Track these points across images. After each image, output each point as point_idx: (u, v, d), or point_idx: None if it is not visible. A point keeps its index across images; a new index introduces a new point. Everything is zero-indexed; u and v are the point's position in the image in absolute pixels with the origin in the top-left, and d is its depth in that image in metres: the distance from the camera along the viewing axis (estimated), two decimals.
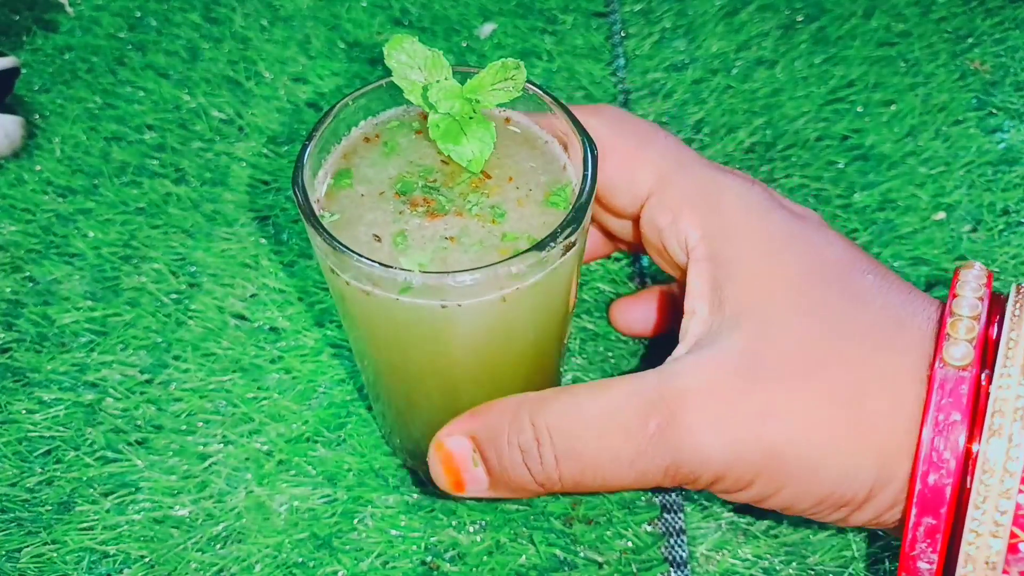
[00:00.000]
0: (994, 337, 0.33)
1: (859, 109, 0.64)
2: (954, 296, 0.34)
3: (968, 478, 0.31)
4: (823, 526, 0.45)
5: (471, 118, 0.38)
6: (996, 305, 0.34)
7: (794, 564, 0.44)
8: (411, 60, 0.38)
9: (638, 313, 0.50)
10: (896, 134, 0.62)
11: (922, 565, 0.33)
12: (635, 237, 0.44)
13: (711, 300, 0.37)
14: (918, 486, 0.32)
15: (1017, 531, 0.31)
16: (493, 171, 0.38)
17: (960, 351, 0.32)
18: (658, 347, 0.52)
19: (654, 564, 0.44)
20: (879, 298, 0.35)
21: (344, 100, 0.40)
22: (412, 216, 0.37)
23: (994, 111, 0.63)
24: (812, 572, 0.44)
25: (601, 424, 0.35)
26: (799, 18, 0.70)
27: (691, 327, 0.37)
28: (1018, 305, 0.33)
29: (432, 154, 0.39)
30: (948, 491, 0.32)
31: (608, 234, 0.48)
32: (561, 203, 0.37)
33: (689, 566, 0.44)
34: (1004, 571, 0.31)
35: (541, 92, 0.39)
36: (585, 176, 0.36)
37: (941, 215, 0.57)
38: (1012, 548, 0.31)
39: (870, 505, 0.34)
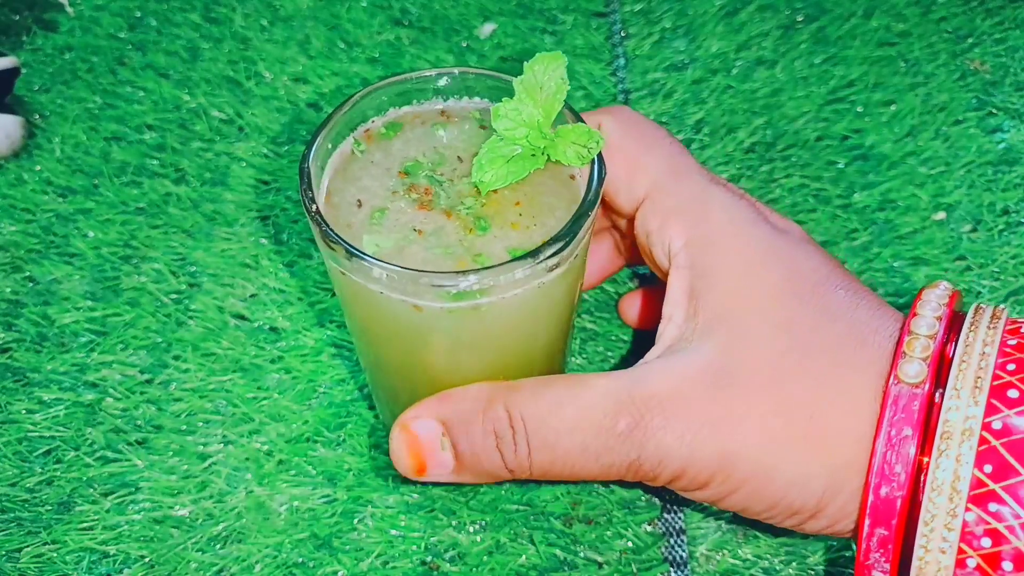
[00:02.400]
0: (950, 356, 0.34)
1: (859, 109, 0.64)
2: (914, 315, 0.35)
3: (919, 491, 0.33)
4: None
5: (522, 152, 0.38)
6: (956, 324, 0.35)
7: (794, 564, 0.44)
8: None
9: (646, 306, 0.52)
10: (896, 134, 0.62)
11: (876, 574, 0.35)
12: (629, 234, 0.45)
13: (687, 308, 0.39)
14: (870, 498, 0.33)
15: (964, 547, 0.32)
16: (511, 186, 0.38)
17: (914, 369, 0.34)
18: None
19: (654, 564, 0.44)
20: (847, 314, 0.37)
21: (405, 76, 0.40)
22: (402, 198, 0.38)
23: (994, 111, 0.63)
24: (812, 572, 0.44)
25: (575, 419, 0.37)
26: (799, 18, 0.70)
27: (666, 332, 0.39)
28: (972, 326, 0.34)
29: (460, 149, 0.39)
30: (899, 503, 0.33)
31: (617, 248, 0.49)
32: None
33: (689, 566, 0.44)
34: None
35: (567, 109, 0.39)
36: (585, 198, 0.37)
37: (941, 215, 0.57)
38: (960, 563, 0.32)
39: (823, 514, 0.36)
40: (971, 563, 0.32)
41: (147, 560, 0.44)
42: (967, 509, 0.32)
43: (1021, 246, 0.55)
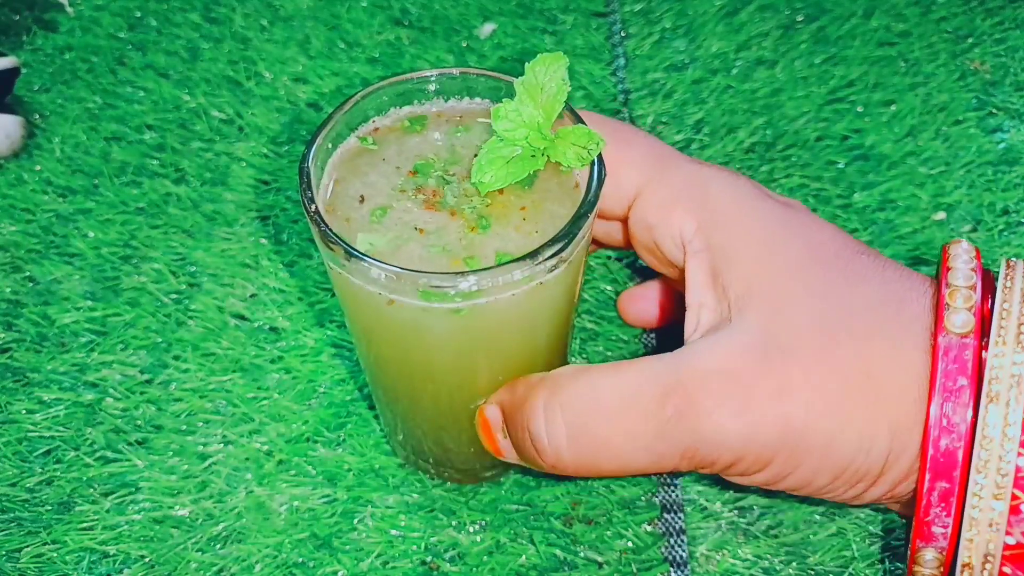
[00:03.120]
0: (988, 309, 0.34)
1: (859, 109, 0.64)
2: (948, 269, 0.35)
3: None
4: (823, 526, 0.45)
5: (522, 153, 0.37)
6: (987, 279, 0.35)
7: (794, 564, 0.44)
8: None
9: (646, 304, 0.51)
10: (896, 134, 0.62)
11: (936, 530, 0.34)
12: (624, 239, 0.44)
13: (714, 290, 0.37)
14: (930, 451, 0.33)
15: (1018, 492, 0.32)
16: (516, 191, 0.38)
17: (961, 319, 0.33)
18: (658, 348, 0.52)
19: (654, 564, 0.44)
20: (876, 276, 0.36)
21: (414, 75, 0.41)
22: (409, 198, 0.38)
23: (994, 111, 0.63)
24: (812, 572, 0.44)
25: (617, 406, 0.35)
26: (799, 18, 0.70)
27: (701, 318, 0.38)
28: (1008, 277, 0.34)
29: (477, 149, 0.39)
30: (960, 454, 0.33)
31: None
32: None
33: (689, 566, 0.44)
34: (1007, 532, 0.32)
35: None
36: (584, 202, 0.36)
37: (941, 215, 0.57)
38: (1014, 510, 0.32)
39: (885, 478, 0.35)
40: None
41: (147, 560, 0.44)
42: (1020, 454, 0.32)
43: (1021, 246, 0.55)
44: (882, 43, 0.68)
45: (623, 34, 0.70)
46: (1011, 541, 0.32)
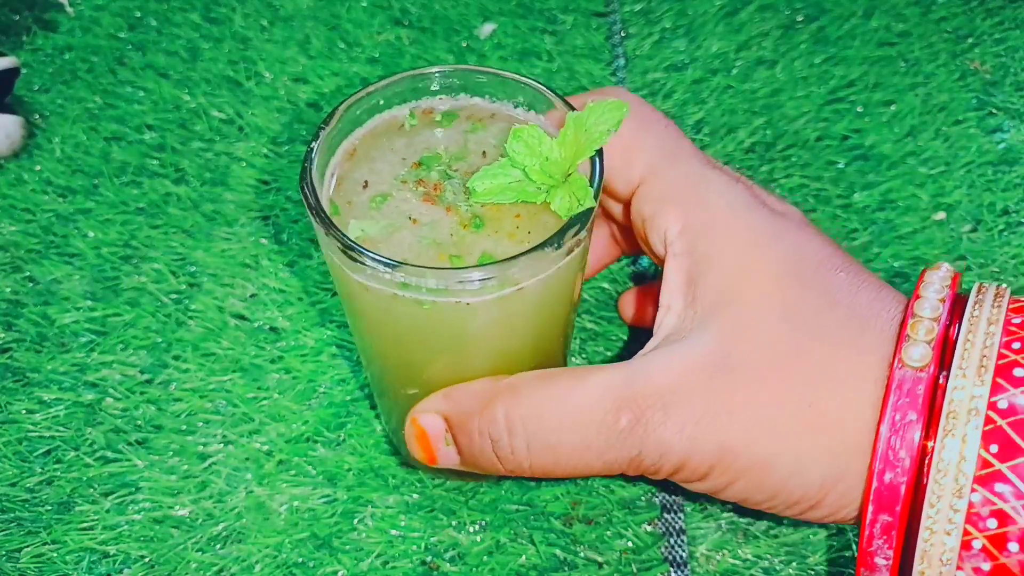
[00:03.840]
0: (954, 337, 0.34)
1: (859, 109, 0.64)
2: (917, 297, 0.35)
3: (924, 476, 0.32)
4: (823, 526, 0.45)
5: (523, 180, 0.37)
6: (959, 305, 0.35)
7: (794, 564, 0.44)
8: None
9: (646, 305, 0.51)
10: (896, 134, 0.62)
11: (879, 561, 0.34)
12: (624, 220, 0.44)
13: (685, 295, 0.38)
14: (874, 484, 0.33)
15: (970, 528, 0.32)
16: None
17: (919, 352, 0.33)
18: None
19: (654, 564, 0.44)
20: (849, 297, 0.36)
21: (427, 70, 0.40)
22: (409, 189, 0.38)
23: (994, 111, 0.63)
24: (812, 572, 0.44)
25: (575, 418, 0.36)
26: (799, 18, 0.70)
27: (665, 321, 0.38)
28: (976, 306, 0.34)
29: (489, 146, 0.39)
30: (903, 488, 0.33)
31: (614, 237, 0.49)
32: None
33: (689, 566, 0.44)
34: (958, 567, 0.32)
35: (556, 97, 0.39)
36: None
37: (941, 215, 0.57)
38: (965, 545, 0.32)
39: (824, 503, 0.35)
40: (976, 544, 0.32)
41: (147, 560, 0.44)
42: (973, 490, 0.31)
43: (1021, 246, 0.55)
44: (882, 43, 0.68)
45: (623, 34, 0.70)
46: None
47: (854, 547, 0.44)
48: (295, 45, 0.69)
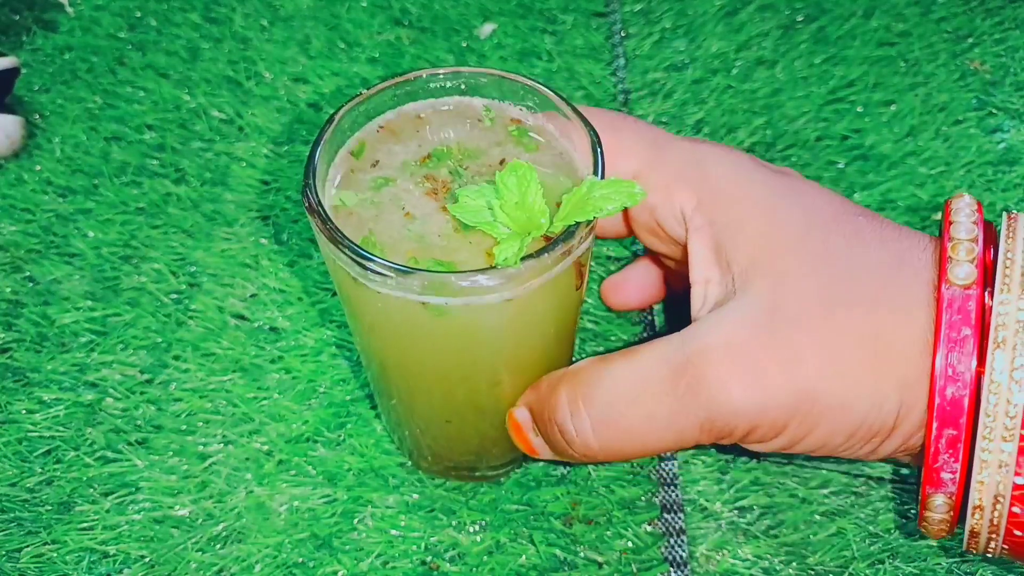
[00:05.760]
0: (991, 260, 0.35)
1: (859, 109, 0.64)
2: (950, 223, 0.36)
3: (982, 390, 0.33)
4: (823, 526, 0.45)
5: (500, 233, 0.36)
6: (989, 232, 0.36)
7: (794, 564, 0.44)
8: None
9: (630, 288, 0.52)
10: (896, 134, 0.62)
11: (945, 475, 0.35)
12: (625, 225, 0.44)
13: (719, 264, 0.38)
14: (937, 399, 0.34)
15: None
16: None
17: (964, 271, 0.34)
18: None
19: (654, 564, 0.44)
20: (874, 236, 0.37)
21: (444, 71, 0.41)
22: (413, 180, 0.38)
23: (994, 111, 0.63)
24: (812, 572, 0.44)
25: (633, 390, 0.37)
26: (799, 18, 0.70)
27: (708, 294, 0.39)
28: (1011, 228, 0.35)
29: (494, 151, 0.39)
30: (965, 402, 0.33)
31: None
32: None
33: (689, 566, 0.44)
34: (1016, 472, 0.33)
35: (557, 97, 0.39)
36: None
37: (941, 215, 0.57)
38: (1023, 450, 0.33)
39: (898, 432, 0.36)
40: None
41: (147, 560, 0.44)
42: None
43: None
44: (882, 43, 0.68)
45: (623, 34, 0.70)
46: (1020, 481, 0.33)
47: (855, 547, 0.44)
48: (295, 45, 0.69)
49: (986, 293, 0.34)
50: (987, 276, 0.34)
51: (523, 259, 0.34)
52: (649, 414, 0.36)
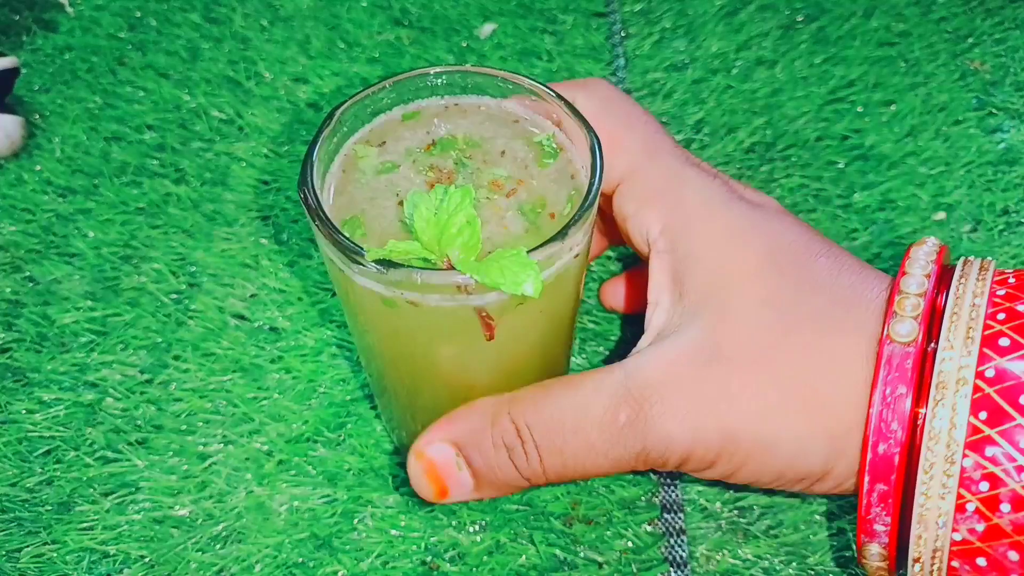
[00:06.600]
0: (941, 307, 0.35)
1: (859, 109, 0.64)
2: (903, 274, 0.36)
3: (916, 444, 0.34)
4: (823, 526, 0.45)
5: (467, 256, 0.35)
6: (946, 276, 0.36)
7: (794, 564, 0.44)
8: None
9: (622, 291, 0.52)
10: (896, 134, 0.62)
11: (878, 527, 0.35)
12: (608, 212, 0.45)
13: (672, 292, 0.39)
14: (869, 455, 0.34)
15: (964, 492, 0.33)
16: (525, 197, 0.38)
17: (906, 328, 0.34)
18: None
19: (654, 564, 0.44)
20: (830, 281, 0.37)
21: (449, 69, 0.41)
22: (415, 168, 0.38)
23: (994, 111, 0.63)
24: (812, 572, 0.44)
25: (576, 419, 0.37)
26: (799, 18, 0.70)
27: (655, 317, 0.40)
28: (962, 280, 0.35)
29: (500, 147, 0.39)
30: (896, 459, 0.34)
31: (599, 229, 0.49)
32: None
33: (689, 566, 0.44)
34: (954, 529, 0.33)
35: (546, 89, 0.39)
36: (590, 185, 0.36)
37: (941, 215, 0.57)
38: (960, 508, 0.33)
39: (830, 476, 0.36)
40: (970, 507, 0.33)
41: (147, 560, 0.44)
42: (964, 455, 0.33)
43: (1021, 246, 0.55)
44: (882, 43, 0.68)
45: (623, 34, 0.70)
46: (958, 537, 0.33)
47: (855, 547, 0.44)
48: (295, 45, 0.69)
49: (929, 346, 0.34)
50: (933, 326, 0.34)
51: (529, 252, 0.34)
52: (589, 443, 0.37)
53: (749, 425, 0.36)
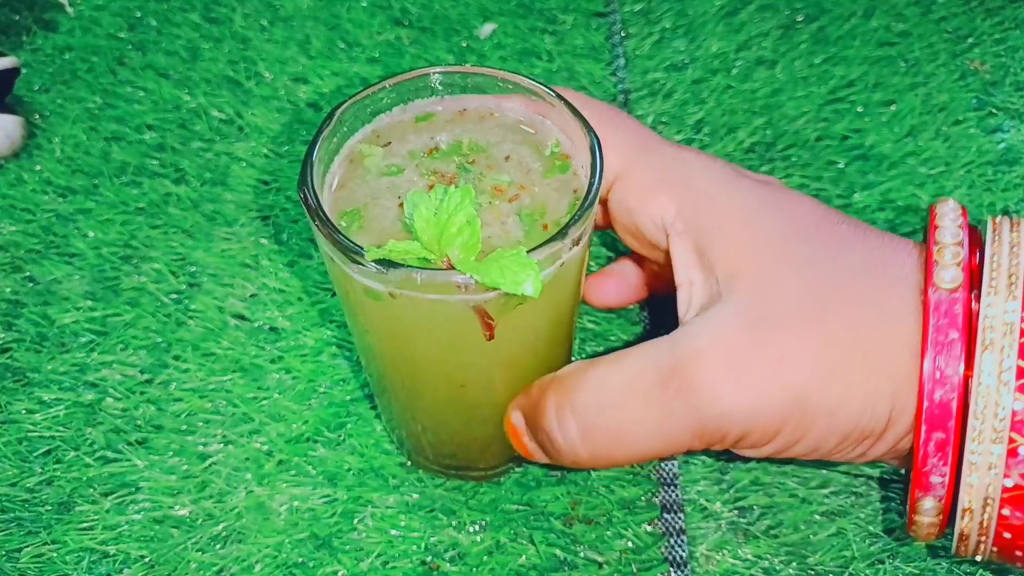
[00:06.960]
0: (976, 264, 0.35)
1: (859, 109, 0.64)
2: (935, 227, 0.36)
3: (970, 392, 0.33)
4: (823, 526, 0.45)
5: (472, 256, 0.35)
6: (974, 236, 0.36)
7: (794, 564, 0.44)
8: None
9: (608, 286, 0.52)
10: (896, 134, 0.62)
11: (934, 479, 0.35)
12: (603, 219, 0.45)
13: (701, 267, 0.38)
14: (925, 403, 0.34)
15: (1015, 436, 0.33)
16: (524, 203, 0.38)
17: (950, 275, 0.34)
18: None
19: (654, 564, 0.44)
20: (857, 243, 0.37)
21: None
22: (418, 170, 0.38)
23: (994, 111, 0.63)
24: (812, 572, 0.44)
25: (621, 395, 0.36)
26: (799, 18, 0.70)
27: (693, 296, 0.38)
28: (996, 231, 0.35)
29: (507, 153, 0.39)
30: (953, 405, 0.33)
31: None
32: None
33: (689, 566, 0.44)
34: (1005, 475, 0.33)
35: (544, 89, 0.39)
36: (589, 185, 0.36)
37: None
38: (1011, 452, 0.33)
39: (889, 434, 0.36)
40: (1022, 451, 0.32)
41: (147, 560, 0.44)
42: (1015, 399, 0.32)
43: None
44: (882, 43, 0.68)
45: (623, 34, 0.70)
46: (1009, 483, 0.33)
47: (855, 547, 0.44)
48: (295, 45, 0.69)
49: (972, 297, 0.34)
50: (973, 280, 0.34)
51: (527, 250, 0.34)
52: (638, 419, 0.36)
53: (815, 385, 0.35)
